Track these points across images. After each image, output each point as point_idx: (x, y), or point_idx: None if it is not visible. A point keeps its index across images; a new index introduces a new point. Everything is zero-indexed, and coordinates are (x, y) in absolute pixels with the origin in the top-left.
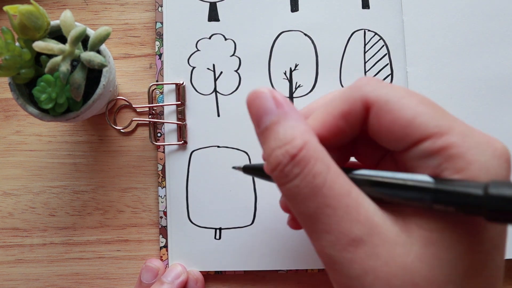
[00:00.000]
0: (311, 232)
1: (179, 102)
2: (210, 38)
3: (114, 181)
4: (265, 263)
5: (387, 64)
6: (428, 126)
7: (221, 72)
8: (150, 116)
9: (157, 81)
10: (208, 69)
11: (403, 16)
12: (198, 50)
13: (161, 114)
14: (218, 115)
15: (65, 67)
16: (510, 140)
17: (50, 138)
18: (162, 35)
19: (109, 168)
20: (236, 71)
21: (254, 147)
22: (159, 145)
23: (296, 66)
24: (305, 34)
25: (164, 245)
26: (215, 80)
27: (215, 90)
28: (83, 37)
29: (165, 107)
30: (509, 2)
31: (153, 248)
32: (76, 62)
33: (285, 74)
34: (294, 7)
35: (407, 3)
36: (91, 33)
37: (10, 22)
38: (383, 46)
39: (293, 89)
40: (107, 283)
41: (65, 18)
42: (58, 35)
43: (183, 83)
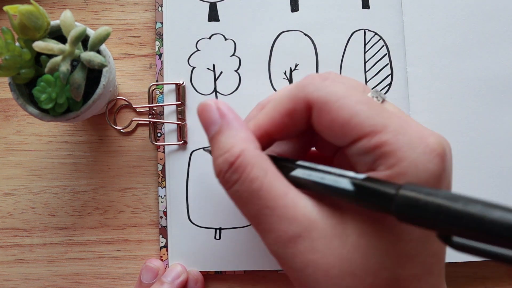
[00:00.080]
0: (258, 231)
1: (179, 102)
2: (210, 38)
3: (114, 181)
4: (265, 263)
5: (387, 64)
6: (363, 126)
7: (221, 72)
8: (150, 116)
9: (157, 81)
10: (208, 69)
11: (403, 16)
12: (198, 50)
13: (161, 114)
14: None
15: (65, 67)
16: (510, 140)
17: (50, 138)
18: (162, 35)
19: (109, 168)
20: (236, 71)
21: None
22: (159, 145)
23: (296, 66)
24: (305, 34)
25: (164, 245)
26: (215, 80)
27: (215, 90)
28: (83, 37)
29: (165, 107)
30: (509, 2)
31: (153, 248)
32: (76, 62)
33: (285, 74)
34: (294, 7)
35: (407, 3)
36: (91, 33)
37: (10, 22)
38: (383, 46)
39: None
40: (107, 283)
41: (65, 18)
42: (58, 35)
43: (183, 83)
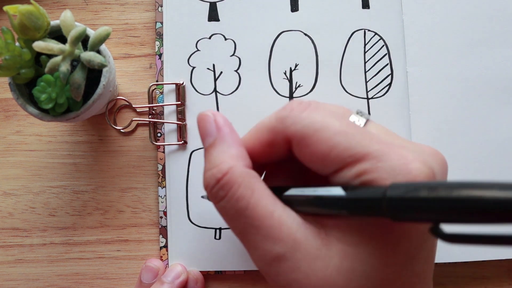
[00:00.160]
0: (244, 246)
1: (179, 102)
2: (210, 38)
3: (114, 181)
4: None
5: (387, 64)
6: (343, 157)
7: (221, 72)
8: (150, 116)
9: (157, 81)
10: (208, 69)
11: (403, 16)
12: (198, 50)
13: (161, 114)
14: None
15: (65, 67)
16: (510, 140)
17: (50, 138)
18: (162, 35)
19: (109, 168)
20: (236, 71)
21: None
22: (159, 145)
23: (296, 66)
24: (305, 34)
25: (164, 245)
26: (215, 80)
27: (215, 90)
28: (83, 37)
29: (165, 107)
30: (509, 2)
31: (153, 248)
32: (76, 62)
33: (285, 74)
34: (294, 7)
35: (407, 3)
36: (91, 33)
37: (10, 22)
38: (383, 46)
39: (293, 89)
40: (107, 283)
41: (65, 18)
42: (58, 35)
43: (183, 83)
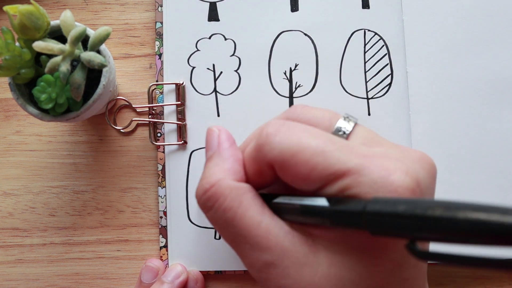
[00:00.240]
0: (236, 252)
1: (179, 102)
2: (210, 38)
3: (114, 181)
4: None
5: (387, 64)
6: (323, 176)
7: (221, 72)
8: (150, 116)
9: (157, 81)
10: (208, 69)
11: (403, 16)
12: (198, 50)
13: (161, 114)
14: (218, 115)
15: (65, 67)
16: (510, 140)
17: (50, 138)
18: (162, 35)
19: (109, 168)
20: (236, 71)
21: None
22: (159, 145)
23: (296, 66)
24: (305, 34)
25: (164, 245)
26: (215, 80)
27: (215, 90)
28: (83, 37)
29: (165, 107)
30: (509, 2)
31: (153, 248)
32: (76, 62)
33: (285, 74)
34: (294, 7)
35: (407, 3)
36: (91, 33)
37: (10, 22)
38: (383, 46)
39: (293, 89)
40: (107, 283)
41: (65, 18)
42: (58, 35)
43: (183, 83)
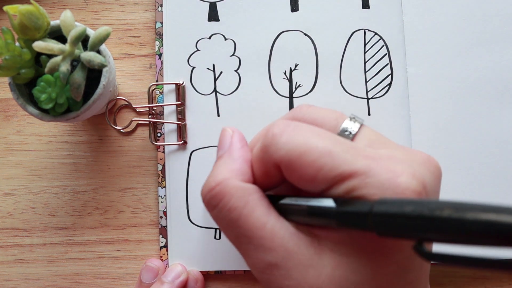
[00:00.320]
0: (239, 252)
1: (179, 102)
2: (210, 38)
3: (114, 181)
4: None
5: (387, 64)
6: (330, 177)
7: (221, 72)
8: (150, 116)
9: (157, 81)
10: (208, 69)
11: (403, 16)
12: (198, 50)
13: (161, 114)
14: (218, 115)
15: (65, 67)
16: (510, 140)
17: (50, 138)
18: (162, 35)
19: (109, 168)
20: (236, 71)
21: None
22: (159, 145)
23: (296, 66)
24: (305, 34)
25: (164, 245)
26: (215, 80)
27: (215, 90)
28: (83, 37)
29: (165, 107)
30: (509, 2)
31: (153, 248)
32: (76, 62)
33: (285, 74)
34: (294, 7)
35: (407, 3)
36: (91, 33)
37: (10, 22)
38: (383, 46)
39: (293, 89)
40: (107, 283)
41: (65, 18)
42: (58, 35)
43: (183, 83)
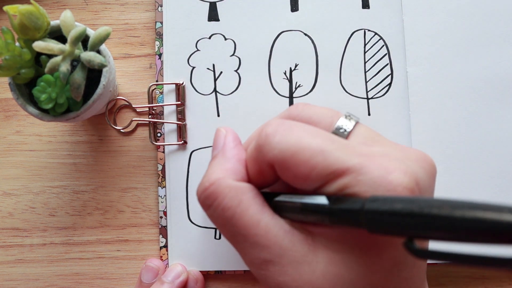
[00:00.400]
0: (236, 249)
1: (179, 102)
2: (210, 38)
3: (114, 181)
4: None
5: (387, 64)
6: (323, 175)
7: (221, 72)
8: (150, 116)
9: (157, 81)
10: (208, 69)
11: (403, 16)
12: (198, 50)
13: (161, 114)
14: (218, 115)
15: (65, 67)
16: (510, 140)
17: (50, 138)
18: (162, 35)
19: (109, 168)
20: (236, 71)
21: None
22: (159, 145)
23: (296, 66)
24: (305, 34)
25: (164, 245)
26: (215, 80)
27: (215, 90)
28: (83, 37)
29: (165, 107)
30: (509, 2)
31: (153, 248)
32: (76, 62)
33: (285, 74)
34: (294, 7)
35: (407, 3)
36: (91, 33)
37: (10, 22)
38: (383, 46)
39: (293, 89)
40: (107, 283)
41: (65, 18)
42: (58, 35)
43: (183, 83)
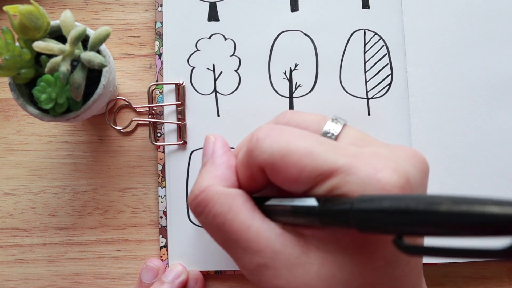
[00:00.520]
0: (229, 255)
1: (179, 102)
2: (210, 38)
3: (114, 181)
4: None
5: (387, 64)
6: (312, 176)
7: (221, 72)
8: (150, 116)
9: (157, 81)
10: (208, 69)
11: (403, 16)
12: (198, 50)
13: (161, 114)
14: (218, 115)
15: (65, 67)
16: (510, 140)
17: (50, 138)
18: (162, 35)
19: (109, 168)
20: (236, 71)
21: None
22: (159, 145)
23: (296, 66)
24: (305, 34)
25: (164, 245)
26: (215, 80)
27: (215, 90)
28: (83, 37)
29: (165, 107)
30: (509, 2)
31: (153, 248)
32: (76, 62)
33: (285, 74)
34: (294, 7)
35: (407, 3)
36: (91, 33)
37: (10, 22)
38: (383, 46)
39: (293, 89)
40: (107, 283)
41: (65, 18)
42: (58, 35)
43: (183, 83)
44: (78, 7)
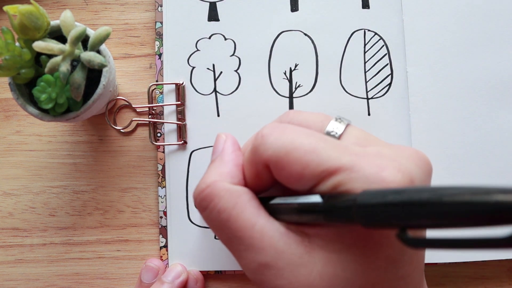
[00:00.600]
0: (231, 253)
1: (179, 102)
2: (210, 38)
3: (114, 181)
4: None
5: (387, 64)
6: (316, 173)
7: (221, 72)
8: (150, 116)
9: (157, 81)
10: (208, 69)
11: (403, 16)
12: (198, 50)
13: (161, 114)
14: (218, 115)
15: (65, 67)
16: (510, 140)
17: (50, 138)
18: (162, 35)
19: (109, 168)
20: (236, 71)
21: None
22: (159, 145)
23: (296, 66)
24: (305, 34)
25: (164, 245)
26: (215, 80)
27: (215, 90)
28: (83, 37)
29: (165, 107)
30: (509, 2)
31: (153, 248)
32: (76, 62)
33: (285, 74)
34: (294, 7)
35: (407, 3)
36: (91, 33)
37: (10, 22)
38: (383, 46)
39: (293, 89)
40: (107, 283)
41: (65, 18)
42: (58, 35)
43: (183, 83)
44: (78, 7)
